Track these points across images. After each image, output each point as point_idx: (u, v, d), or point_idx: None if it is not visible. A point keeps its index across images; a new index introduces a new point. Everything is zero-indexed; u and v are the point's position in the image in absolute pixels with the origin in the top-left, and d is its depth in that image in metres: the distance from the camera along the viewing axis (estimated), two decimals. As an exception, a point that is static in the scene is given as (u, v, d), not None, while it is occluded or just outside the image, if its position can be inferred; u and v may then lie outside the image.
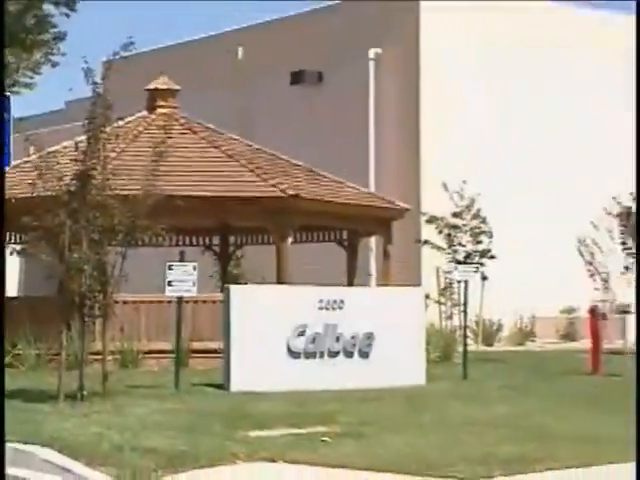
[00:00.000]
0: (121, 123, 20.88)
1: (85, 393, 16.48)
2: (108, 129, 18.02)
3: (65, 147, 21.28)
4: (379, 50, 38.05)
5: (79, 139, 18.19)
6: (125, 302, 21.47)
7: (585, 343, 27.30)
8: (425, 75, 37.03)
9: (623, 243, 25.28)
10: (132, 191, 18.14)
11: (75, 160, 17.48)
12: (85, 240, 16.98)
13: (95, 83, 17.76)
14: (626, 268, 25.43)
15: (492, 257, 27.15)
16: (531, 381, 21.91)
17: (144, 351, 23.04)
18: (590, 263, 26.58)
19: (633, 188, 24.97)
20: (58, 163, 17.80)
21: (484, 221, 27.42)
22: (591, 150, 37.46)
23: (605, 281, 26.82)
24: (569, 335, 35.48)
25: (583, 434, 14.77)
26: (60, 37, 37.65)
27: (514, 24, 38.57)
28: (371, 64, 38.04)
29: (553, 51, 38.72)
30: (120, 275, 17.75)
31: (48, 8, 37.09)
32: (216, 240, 30.38)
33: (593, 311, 26.32)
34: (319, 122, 37.67)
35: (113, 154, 18.71)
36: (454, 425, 15.19)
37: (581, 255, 26.66)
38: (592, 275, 26.86)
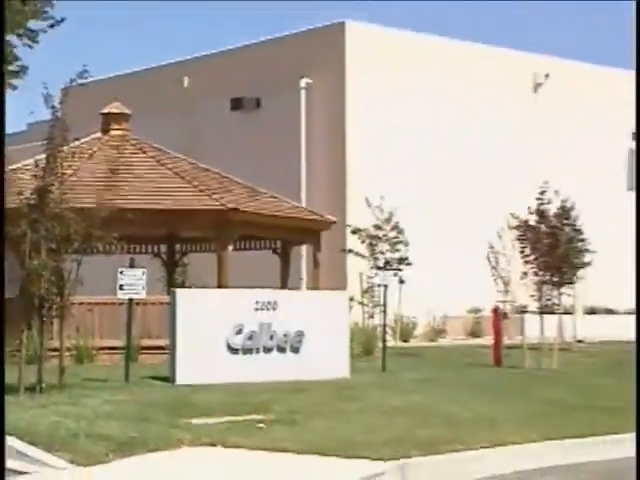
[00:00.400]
0: (77, 143, 20.71)
1: (44, 386, 16.37)
2: (65, 148, 17.87)
3: (26, 165, 21.12)
4: (309, 80, 38.24)
5: (39, 157, 18.01)
6: (81, 304, 21.20)
7: (489, 339, 27.54)
8: (350, 102, 37.38)
9: (522, 252, 25.45)
10: (87, 204, 18.26)
11: (35, 176, 17.35)
12: (44, 248, 16.87)
13: (54, 107, 17.64)
14: (524, 274, 25.61)
15: (408, 264, 27.37)
16: (442, 373, 22.02)
17: (98, 348, 22.89)
18: (494, 268, 26.74)
19: (535, 204, 25.23)
20: (20, 179, 17.67)
21: (401, 232, 27.63)
22: (495, 171, 37.81)
23: (506, 285, 26.95)
24: (475, 332, 35.76)
25: (486, 418, 14.96)
26: (24, 69, 37.15)
27: (432, 56, 39.02)
28: (302, 92, 38.24)
29: (466, 85, 39.21)
30: (76, 279, 17.68)
31: (11, 39, 36.56)
32: (164, 248, 30.33)
33: (496, 311, 26.58)
34: (257, 144, 37.75)
35: (70, 171, 18.71)
36: (374, 412, 15.23)
37: (489, 261, 26.81)
38: (495, 279, 27.02)
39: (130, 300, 19.46)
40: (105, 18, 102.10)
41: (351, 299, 24.57)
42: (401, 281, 26.46)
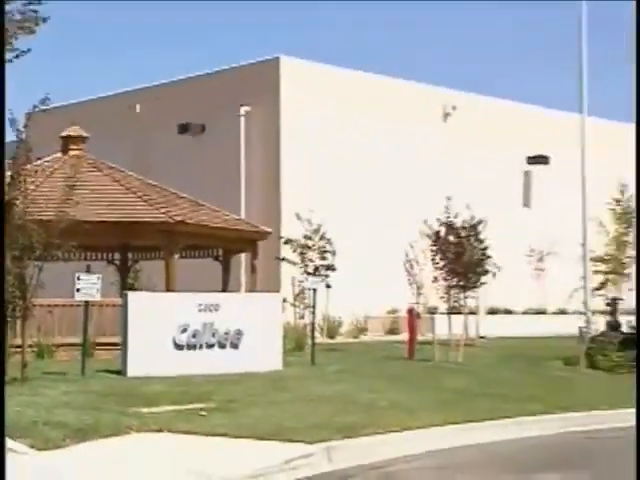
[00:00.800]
0: (40, 162, 20.53)
1: (7, 379, 16.13)
2: (29, 167, 17.77)
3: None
4: (248, 108, 38.13)
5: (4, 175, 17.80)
6: (42, 305, 20.88)
7: (404, 336, 27.54)
8: (284, 128, 37.33)
9: (432, 259, 25.53)
10: (48, 217, 17.97)
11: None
12: (8, 256, 16.60)
13: (18, 130, 17.46)
14: (435, 279, 25.69)
15: (334, 270, 27.36)
16: (363, 365, 22.03)
17: (57, 345, 22.57)
18: (409, 274, 26.83)
19: (443, 217, 25.36)
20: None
21: (329, 242, 27.63)
22: (410, 189, 38.00)
23: (419, 288, 27.04)
24: (392, 330, 35.78)
25: (400, 405, 15.00)
26: None
27: (355, 88, 39.20)
28: (242, 119, 38.10)
29: (386, 113, 39.41)
30: (37, 284, 17.56)
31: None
32: (117, 256, 29.92)
33: (410, 311, 26.67)
34: (202, 164, 37.52)
35: (32, 187, 18.34)
36: (304, 400, 15.22)
37: (405, 267, 26.92)
38: (410, 284, 27.12)
39: (86, 302, 19.28)
40: (70, 48, 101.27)
41: (284, 301, 24.57)
42: (328, 285, 26.43)
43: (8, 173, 17.57)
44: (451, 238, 25.30)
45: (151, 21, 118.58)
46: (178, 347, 19.41)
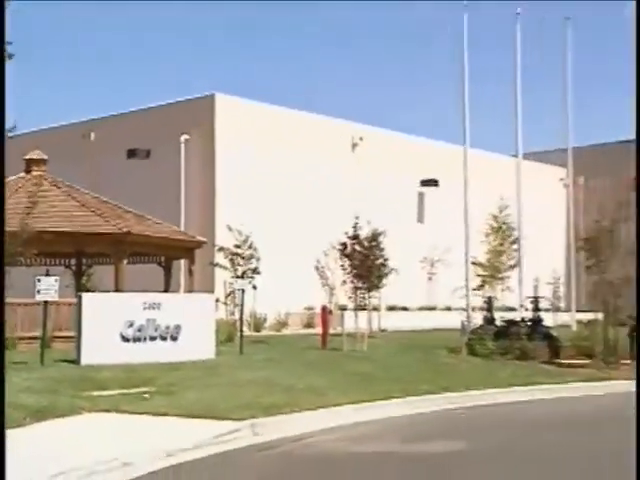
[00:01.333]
0: (6, 181, 20.15)
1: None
2: None
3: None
4: (187, 136, 37.95)
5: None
6: (7, 304, 20.57)
7: (318, 329, 27.58)
8: (218, 154, 37.29)
9: (342, 265, 25.65)
10: (12, 228, 17.55)
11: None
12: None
13: None
14: (344, 282, 25.82)
15: (259, 273, 27.20)
16: (284, 354, 22.01)
17: (19, 337, 22.17)
18: (322, 277, 26.92)
19: (351, 231, 25.55)
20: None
21: (255, 250, 27.47)
22: (325, 207, 38.19)
23: (331, 289, 27.14)
24: (309, 324, 35.78)
25: (314, 387, 15.10)
26: None
27: (279, 121, 39.33)
28: (182, 146, 37.92)
29: (304, 143, 39.66)
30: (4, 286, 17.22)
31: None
32: (73, 261, 29.51)
33: (324, 309, 26.74)
34: (148, 184, 37.16)
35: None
36: (233, 384, 15.22)
37: (318, 272, 27.03)
38: (324, 285, 27.21)
39: (45, 302, 19.03)
40: (35, 79, 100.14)
41: (217, 300, 24.42)
42: (254, 287, 26.30)
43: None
44: (357, 248, 25.49)
45: (107, 56, 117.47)
46: (125, 340, 19.26)
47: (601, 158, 50.86)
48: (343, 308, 27.78)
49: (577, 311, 38.11)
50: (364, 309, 26.65)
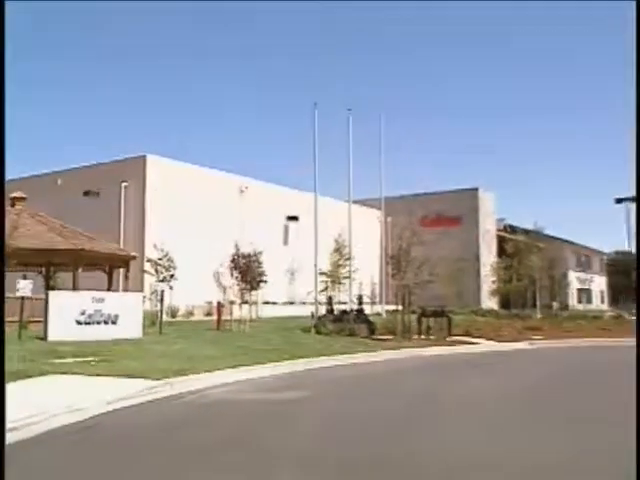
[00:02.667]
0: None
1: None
2: None
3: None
4: (126, 183, 37.28)
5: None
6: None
7: (214, 317, 27.47)
8: (148, 195, 36.82)
9: (232, 273, 25.66)
10: (1, 245, 17.03)
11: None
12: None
13: None
14: (234, 284, 25.83)
15: (175, 278, 26.77)
16: (190, 334, 21.92)
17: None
18: (218, 280, 26.87)
19: (235, 249, 25.60)
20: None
21: (172, 261, 27.00)
22: (222, 235, 37.90)
23: (224, 289, 27.10)
24: (208, 313, 35.38)
25: (210, 356, 15.08)
26: None
27: (192, 174, 39.05)
28: (123, 189, 37.23)
29: (209, 190, 39.42)
30: None
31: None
32: (43, 268, 28.40)
33: (218, 303, 26.74)
34: (98, 216, 36.12)
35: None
36: (153, 355, 15.05)
37: (214, 277, 26.99)
38: (219, 286, 27.14)
39: (22, 297, 18.81)
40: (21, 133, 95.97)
41: (144, 297, 24.02)
42: (171, 287, 25.94)
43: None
44: (242, 261, 25.62)
45: (71, 120, 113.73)
46: (79, 323, 18.91)
47: (400, 204, 52.72)
48: (232, 302, 27.75)
49: (386, 304, 39.24)
50: (247, 303, 26.73)
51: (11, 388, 10.49)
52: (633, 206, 49.55)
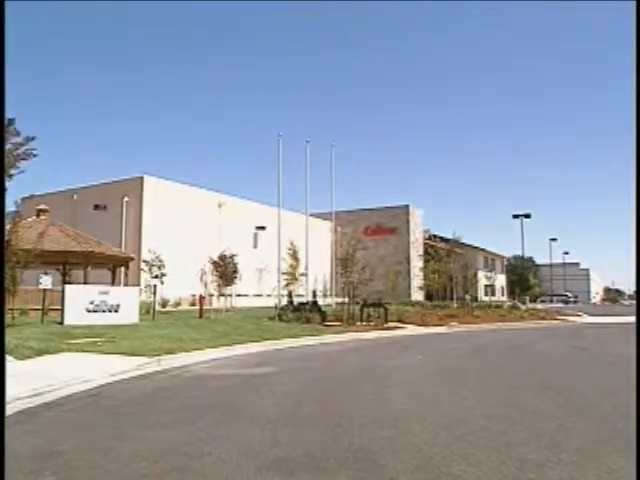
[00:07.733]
0: (25, 221, 19.72)
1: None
2: (20, 223, 17.16)
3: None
4: (128, 199, 36.71)
5: (7, 227, 16.82)
6: (23, 290, 19.63)
7: (197, 307, 27.30)
8: (145, 209, 36.32)
9: (213, 272, 25.62)
10: (28, 247, 17.17)
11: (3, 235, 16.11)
12: (8, 266, 15.78)
13: (17, 206, 16.80)
14: (213, 280, 25.79)
15: (166, 275, 26.58)
16: (178, 321, 21.66)
17: (30, 309, 21.08)
18: (201, 277, 26.83)
19: (217, 254, 25.65)
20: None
21: (162, 262, 26.85)
22: (206, 243, 37.90)
23: (206, 285, 27.03)
24: (193, 304, 34.93)
25: (194, 339, 15.07)
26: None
27: (182, 192, 38.80)
28: (124, 203, 36.71)
29: (196, 205, 39.22)
30: (21, 279, 16.92)
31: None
32: (61, 267, 28.01)
33: (201, 295, 26.52)
34: (105, 226, 35.65)
35: (21, 233, 17.52)
36: (148, 337, 15.06)
37: (199, 274, 26.96)
38: (202, 282, 27.07)
39: (44, 289, 18.67)
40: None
41: (141, 290, 23.90)
42: (162, 282, 25.72)
43: (8, 226, 16.61)
44: (221, 262, 25.69)
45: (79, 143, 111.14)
46: (88, 311, 18.81)
47: (348, 217, 53.30)
48: (212, 295, 27.73)
49: (335, 297, 39.61)
50: (223, 295, 26.77)
51: (35, 362, 10.62)
52: (526, 220, 52.00)
